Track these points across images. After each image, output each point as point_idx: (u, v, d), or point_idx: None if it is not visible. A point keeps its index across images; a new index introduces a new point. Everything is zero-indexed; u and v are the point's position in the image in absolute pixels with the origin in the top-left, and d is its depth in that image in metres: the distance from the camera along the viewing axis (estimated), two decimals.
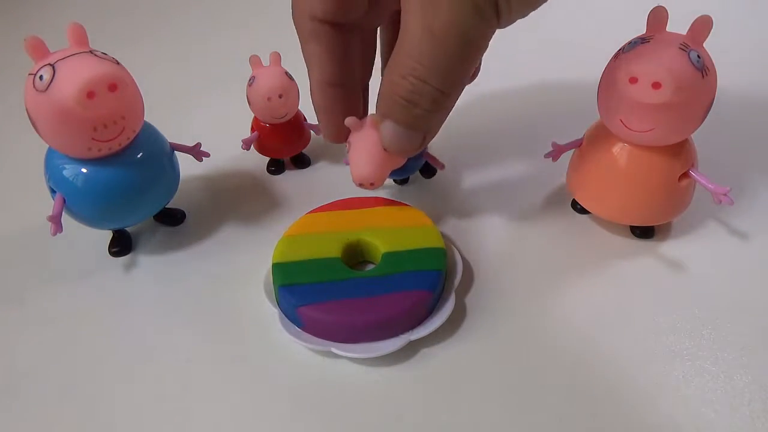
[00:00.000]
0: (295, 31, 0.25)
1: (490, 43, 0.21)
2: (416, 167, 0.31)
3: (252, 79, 0.31)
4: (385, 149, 0.24)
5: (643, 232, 0.29)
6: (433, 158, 0.31)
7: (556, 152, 0.29)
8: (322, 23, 0.24)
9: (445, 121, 0.24)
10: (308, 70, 0.26)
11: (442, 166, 0.31)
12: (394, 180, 0.33)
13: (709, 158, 0.29)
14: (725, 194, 0.25)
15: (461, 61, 0.21)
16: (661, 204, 0.27)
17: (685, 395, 0.22)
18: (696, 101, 0.24)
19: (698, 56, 0.23)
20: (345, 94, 0.26)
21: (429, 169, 0.33)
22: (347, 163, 0.28)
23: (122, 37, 0.51)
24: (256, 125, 0.33)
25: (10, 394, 0.24)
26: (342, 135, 0.26)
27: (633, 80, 0.23)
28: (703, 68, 0.23)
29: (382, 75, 0.28)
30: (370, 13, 0.25)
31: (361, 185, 0.26)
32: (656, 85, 0.22)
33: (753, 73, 0.41)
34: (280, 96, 0.31)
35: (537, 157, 0.31)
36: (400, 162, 0.26)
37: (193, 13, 0.56)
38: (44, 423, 0.23)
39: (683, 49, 0.23)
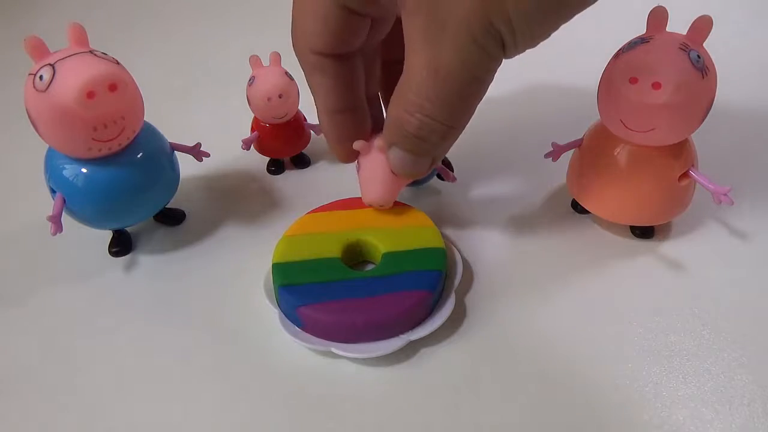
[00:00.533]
0: (298, 61, 0.25)
1: None
2: (429, 179, 0.32)
3: (252, 79, 0.31)
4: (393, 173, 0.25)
5: (643, 232, 0.29)
6: (446, 171, 0.31)
7: (556, 152, 0.29)
8: (324, 56, 0.24)
9: None
10: (314, 99, 0.26)
11: (454, 179, 0.31)
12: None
13: (710, 158, 0.29)
14: (725, 194, 0.25)
15: (468, 96, 0.21)
16: (661, 204, 0.27)
17: (685, 395, 0.22)
18: (696, 101, 0.24)
19: (698, 56, 0.23)
20: (353, 118, 0.26)
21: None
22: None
23: (122, 37, 0.51)
24: (256, 125, 0.33)
25: (9, 394, 0.24)
26: (353, 156, 0.27)
27: (633, 80, 0.23)
28: (704, 68, 0.23)
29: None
30: (369, 36, 0.25)
31: (371, 206, 0.27)
32: (656, 86, 0.22)
33: (753, 72, 0.41)
34: (280, 96, 0.31)
35: (537, 157, 0.31)
36: (408, 182, 0.27)
37: (193, 13, 0.56)
38: (44, 423, 0.23)
39: (683, 50, 0.23)
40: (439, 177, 0.32)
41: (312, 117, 0.34)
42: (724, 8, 0.48)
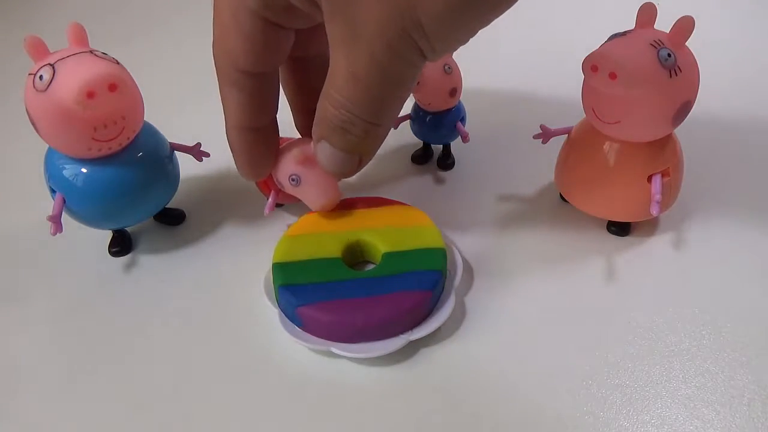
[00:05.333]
0: (216, 73, 0.25)
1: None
2: (451, 136, 0.33)
3: None
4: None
5: (620, 229, 0.29)
6: (461, 128, 0.32)
7: (545, 135, 0.29)
8: (245, 74, 0.24)
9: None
10: (225, 113, 0.25)
11: (466, 135, 0.31)
12: (414, 160, 0.34)
13: (711, 158, 0.29)
14: (656, 202, 0.26)
15: (388, 98, 0.21)
16: (630, 201, 0.27)
17: (685, 395, 0.22)
18: (661, 100, 0.24)
19: (669, 55, 0.23)
20: (262, 135, 0.26)
21: (448, 158, 0.34)
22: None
23: (122, 37, 0.51)
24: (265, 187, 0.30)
25: (10, 394, 0.24)
26: (259, 173, 0.27)
27: (594, 68, 0.23)
28: (674, 68, 0.23)
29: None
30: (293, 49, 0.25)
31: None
32: (612, 76, 0.22)
33: (754, 72, 0.41)
34: None
35: (537, 156, 0.31)
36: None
37: (193, 12, 0.56)
38: (44, 423, 0.23)
39: (654, 46, 0.23)
40: (442, 162, 0.33)
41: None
42: (727, 8, 0.48)
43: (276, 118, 0.27)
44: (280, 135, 0.27)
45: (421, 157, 0.34)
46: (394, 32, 0.19)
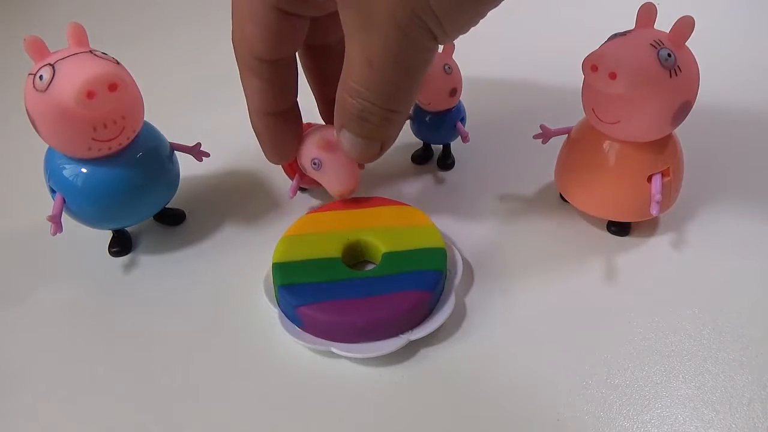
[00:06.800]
0: (236, 62, 0.26)
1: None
2: (451, 136, 0.33)
3: None
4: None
5: (620, 229, 0.29)
6: (461, 128, 0.32)
7: (545, 135, 0.29)
8: (262, 61, 0.25)
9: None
10: (247, 100, 0.26)
11: (467, 135, 0.31)
12: (414, 160, 0.34)
13: (711, 158, 0.29)
14: (656, 202, 0.26)
15: (403, 84, 0.22)
16: (630, 200, 0.27)
17: (685, 395, 0.22)
18: (661, 100, 0.24)
19: (669, 55, 0.23)
20: (283, 120, 0.27)
21: (448, 158, 0.34)
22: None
23: (122, 37, 0.51)
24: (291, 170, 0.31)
25: (9, 394, 0.24)
26: (284, 157, 0.28)
27: (594, 68, 0.23)
28: (673, 68, 0.23)
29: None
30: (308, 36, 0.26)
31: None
32: (612, 75, 0.23)
33: (756, 72, 0.41)
34: None
35: (538, 156, 0.31)
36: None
37: (193, 12, 0.56)
38: (44, 423, 0.23)
39: (654, 46, 0.23)
40: (442, 162, 0.33)
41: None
42: (726, 8, 0.48)
43: (297, 102, 0.27)
44: (311, 122, 0.28)
45: (421, 157, 0.34)
46: (404, 16, 0.19)
